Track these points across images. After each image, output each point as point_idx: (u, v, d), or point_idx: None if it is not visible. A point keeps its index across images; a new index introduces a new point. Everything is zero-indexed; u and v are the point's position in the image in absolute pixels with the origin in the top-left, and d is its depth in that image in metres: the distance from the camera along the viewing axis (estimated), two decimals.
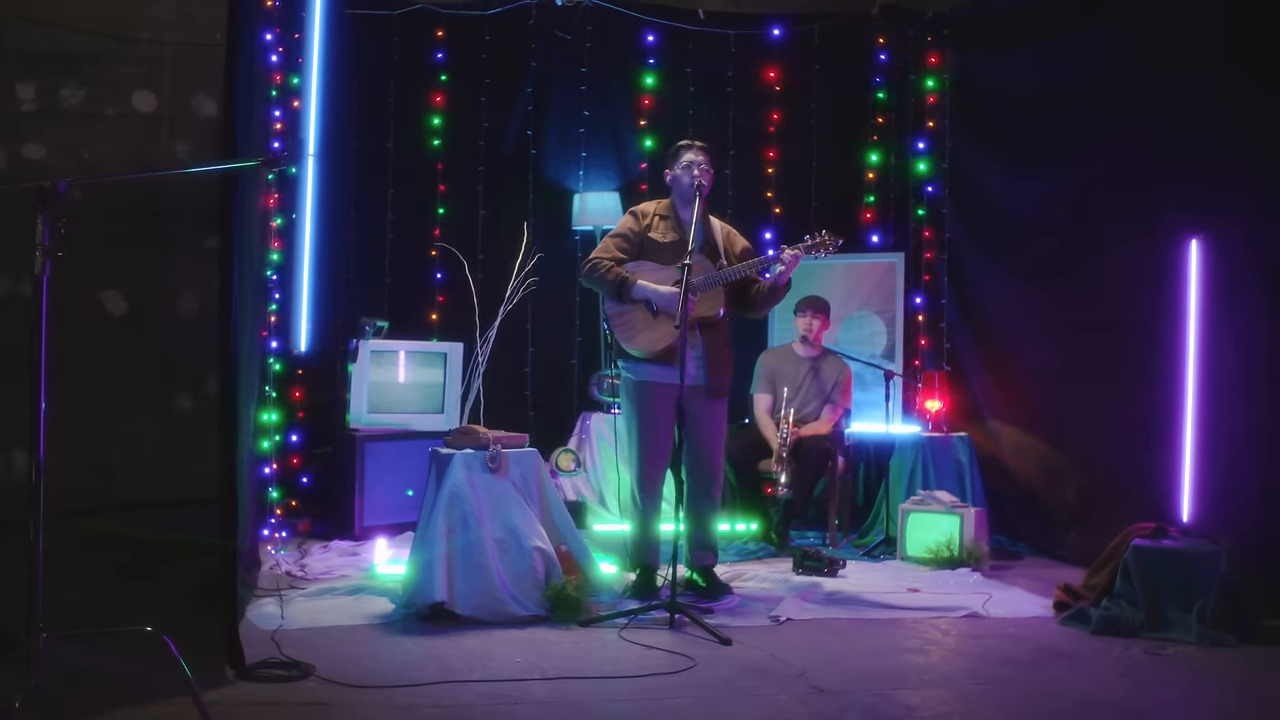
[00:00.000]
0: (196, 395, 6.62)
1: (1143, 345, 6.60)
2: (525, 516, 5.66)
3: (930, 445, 7.89)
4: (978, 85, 8.51)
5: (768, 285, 6.15)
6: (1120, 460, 6.92)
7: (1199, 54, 6.34)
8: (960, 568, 7.00)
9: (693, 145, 6.24)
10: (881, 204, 9.29)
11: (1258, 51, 6.03)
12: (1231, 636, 5.37)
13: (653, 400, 6.08)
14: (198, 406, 6.57)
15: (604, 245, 6.16)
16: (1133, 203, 6.72)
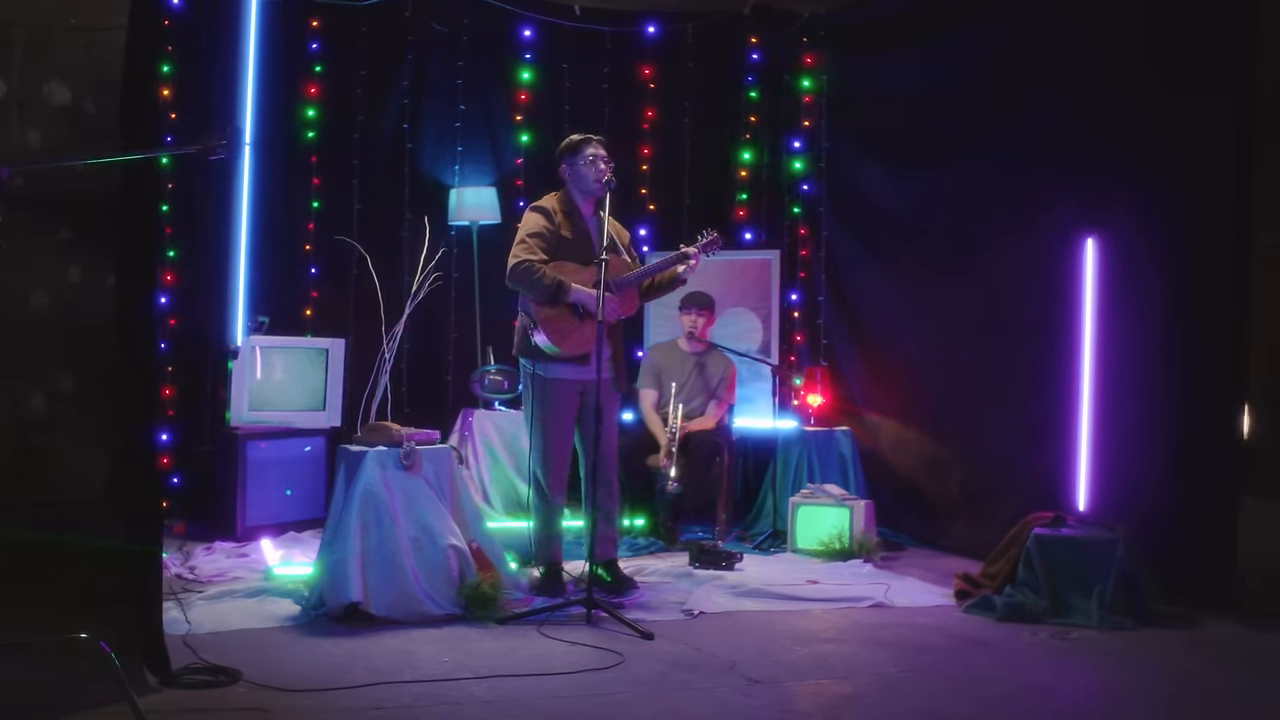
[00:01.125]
0: (50, 394, 6.34)
1: (1031, 342, 6.82)
2: (439, 514, 5.58)
3: (814, 439, 8.03)
4: (856, 86, 8.69)
5: (668, 279, 6.22)
6: (1005, 453, 7.13)
7: (1084, 57, 6.58)
8: (852, 559, 7.13)
9: (592, 139, 6.23)
10: (755, 202, 9.41)
11: (1144, 56, 6.29)
12: (1130, 620, 5.59)
13: (563, 397, 6.07)
14: (50, 406, 6.29)
15: (527, 246, 6.05)
16: (1020, 202, 6.93)
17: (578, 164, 6.18)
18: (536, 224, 6.12)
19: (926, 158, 7.82)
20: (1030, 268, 6.83)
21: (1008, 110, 7.09)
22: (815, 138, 9.03)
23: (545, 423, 6.10)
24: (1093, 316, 6.21)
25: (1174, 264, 6.07)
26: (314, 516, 7.75)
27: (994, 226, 7.19)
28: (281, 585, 6.01)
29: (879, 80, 8.39)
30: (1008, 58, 7.14)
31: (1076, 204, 6.42)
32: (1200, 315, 5.98)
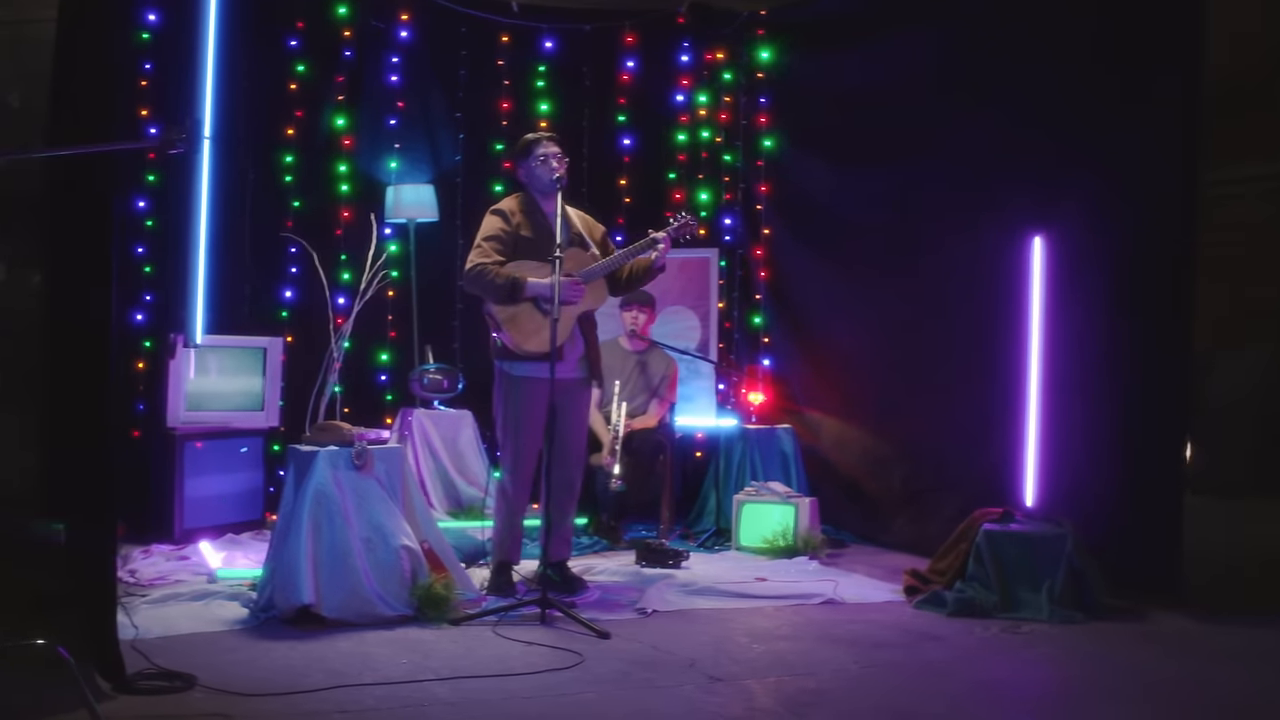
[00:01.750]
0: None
1: (977, 339, 6.88)
2: (391, 514, 5.51)
3: (756, 437, 8.05)
4: (799, 85, 8.71)
5: (644, 266, 6.19)
6: (950, 450, 7.19)
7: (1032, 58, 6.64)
8: (798, 556, 7.15)
9: (543, 137, 6.21)
10: (691, 200, 9.41)
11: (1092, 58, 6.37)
12: (1079, 614, 5.67)
13: (532, 396, 6.00)
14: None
15: (481, 250, 6.00)
16: (967, 201, 6.99)
17: (530, 164, 6.14)
18: (492, 227, 6.08)
19: (870, 156, 7.86)
20: (977, 266, 6.89)
21: (955, 110, 7.14)
22: (755, 136, 9.05)
23: (515, 422, 6.04)
24: (1040, 314, 6.27)
25: (1120, 262, 6.16)
26: (252, 518, 7.65)
27: (940, 225, 7.25)
28: (226, 588, 5.91)
29: (821, 79, 8.43)
30: (955, 58, 7.20)
31: (1026, 203, 6.48)
32: (1146, 313, 6.07)
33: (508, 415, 6.09)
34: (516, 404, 6.05)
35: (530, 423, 6.06)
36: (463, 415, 8.28)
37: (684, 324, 8.91)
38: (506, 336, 5.95)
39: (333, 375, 5.93)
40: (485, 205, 8.87)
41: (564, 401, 6.02)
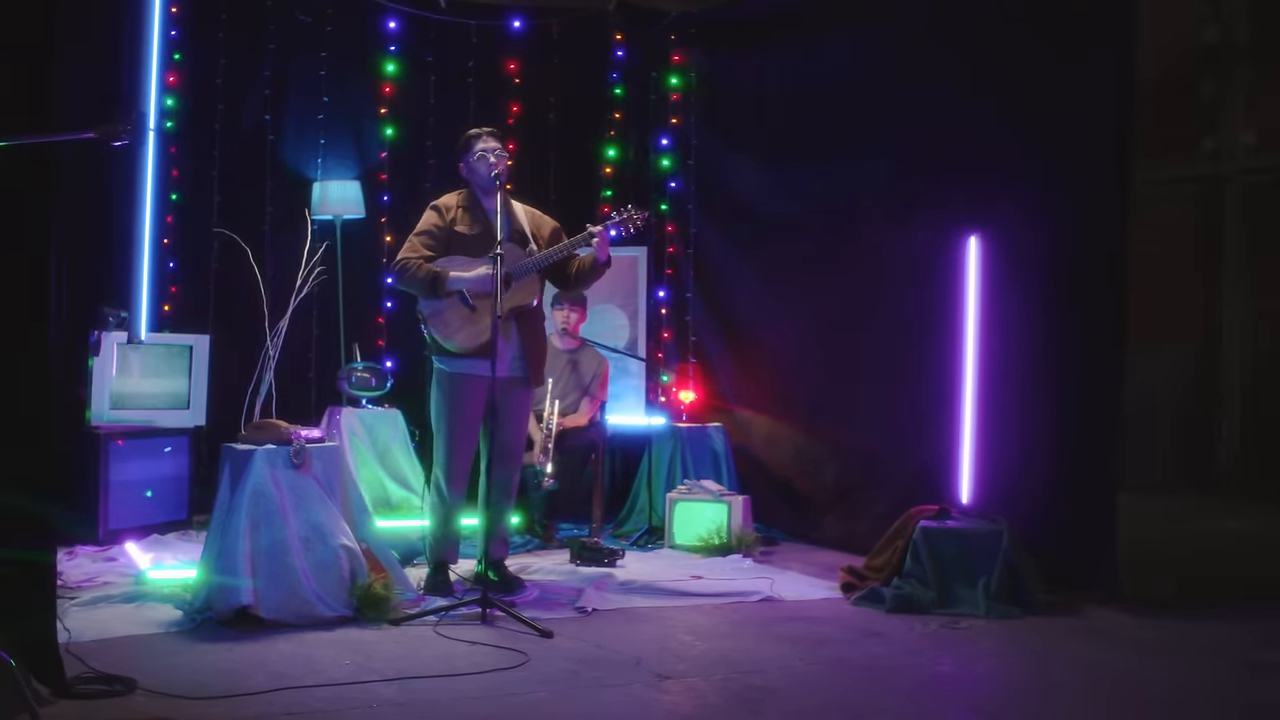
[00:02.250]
0: None
1: (910, 338, 6.94)
2: (329, 513, 5.43)
3: (687, 436, 8.06)
4: (727, 84, 8.74)
5: (588, 262, 6.14)
6: (881, 447, 7.25)
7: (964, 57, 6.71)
8: (731, 554, 7.17)
9: (483, 133, 6.16)
10: (620, 198, 9.36)
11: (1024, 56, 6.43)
12: (1015, 609, 5.74)
13: (466, 393, 5.97)
14: None
15: (410, 245, 5.98)
16: (899, 200, 7.05)
17: (471, 160, 6.10)
18: (426, 222, 6.05)
19: (800, 155, 7.91)
20: (910, 265, 6.95)
21: (885, 109, 7.21)
22: (683, 135, 9.07)
23: (447, 420, 6.00)
24: (976, 313, 6.33)
25: (1055, 260, 6.23)
26: (176, 518, 7.52)
27: (871, 224, 7.31)
28: (158, 590, 5.78)
29: (750, 79, 8.46)
30: (885, 57, 7.26)
31: (960, 201, 6.55)
32: (1080, 310, 6.13)
33: (442, 412, 6.05)
34: (451, 401, 6.01)
35: (464, 420, 6.02)
36: (391, 414, 8.19)
37: (613, 323, 8.90)
38: (432, 332, 5.93)
39: (269, 373, 5.84)
40: (411, 202, 8.92)
41: (500, 399, 5.98)
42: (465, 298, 5.88)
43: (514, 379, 6.06)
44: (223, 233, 7.27)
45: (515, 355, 6.05)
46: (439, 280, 5.84)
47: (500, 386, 5.92)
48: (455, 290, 5.88)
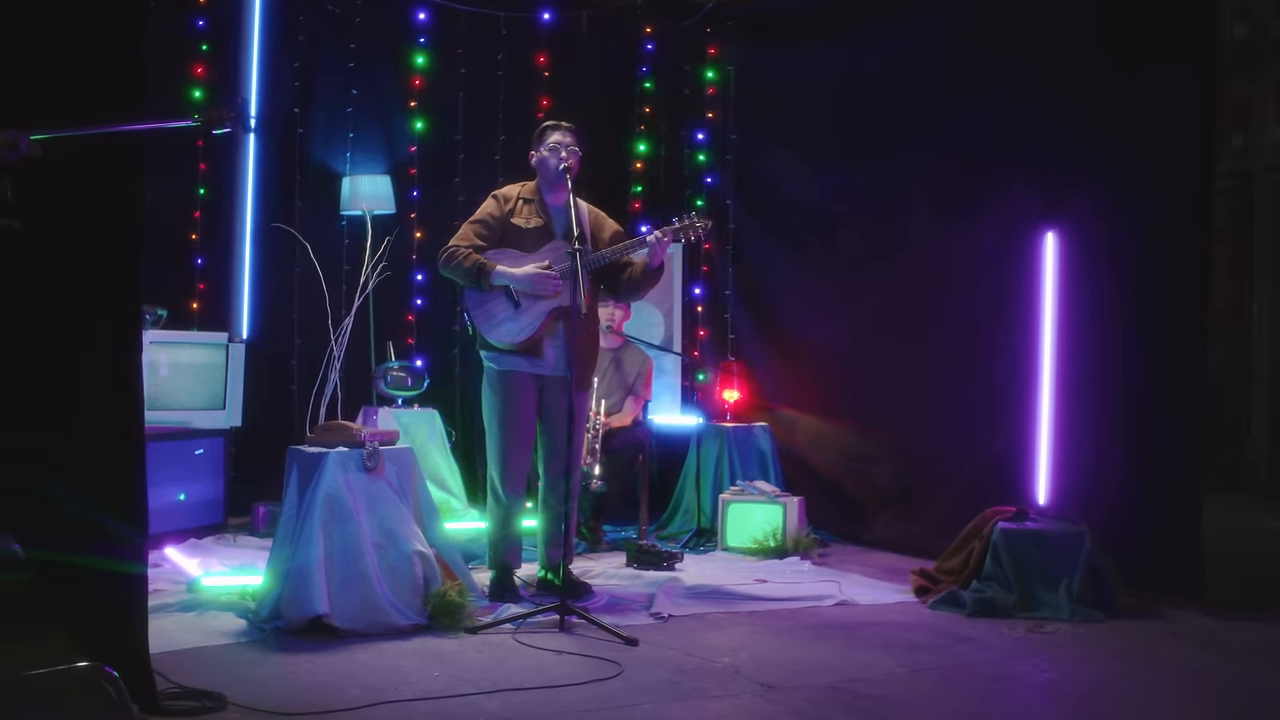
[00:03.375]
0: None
1: (975, 336, 6.80)
2: (402, 518, 5.24)
3: (733, 436, 7.89)
4: (768, 77, 8.56)
5: (638, 269, 5.96)
6: (940, 448, 7.10)
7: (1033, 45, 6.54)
8: (789, 557, 7.02)
9: (559, 125, 5.98)
10: (652, 194, 9.21)
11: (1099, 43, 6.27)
12: (1099, 613, 5.61)
13: (517, 390, 5.80)
14: None
15: (462, 232, 5.81)
16: (964, 194, 6.91)
17: (541, 151, 5.92)
18: (483, 210, 5.91)
19: (851, 149, 7.74)
20: (975, 261, 6.81)
21: (947, 100, 7.05)
22: (720, 130, 8.90)
23: (499, 418, 5.82)
24: (1053, 310, 6.20)
25: (1135, 257, 6.10)
26: (212, 522, 7.30)
27: (931, 218, 7.16)
28: (215, 598, 5.58)
29: (794, 71, 8.27)
30: (947, 44, 7.07)
31: (1034, 198, 6.40)
32: (1161, 308, 6.01)
33: (493, 410, 5.87)
34: (500, 400, 5.84)
35: (515, 418, 5.85)
36: (428, 414, 8.00)
37: (647, 320, 8.73)
38: (470, 321, 5.79)
39: (334, 373, 5.64)
40: (439, 197, 8.77)
41: (549, 399, 5.84)
42: (512, 294, 5.70)
43: (558, 378, 5.87)
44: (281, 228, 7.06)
45: (558, 355, 5.86)
46: (485, 272, 5.67)
47: (549, 384, 5.79)
48: (500, 284, 5.69)
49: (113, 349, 4.02)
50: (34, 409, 3.82)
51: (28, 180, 3.16)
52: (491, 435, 5.87)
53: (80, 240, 3.85)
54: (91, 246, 3.90)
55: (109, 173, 3.90)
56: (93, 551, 3.91)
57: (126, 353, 4.09)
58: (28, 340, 3.77)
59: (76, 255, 3.84)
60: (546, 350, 5.76)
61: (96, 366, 3.95)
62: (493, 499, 5.90)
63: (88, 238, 3.87)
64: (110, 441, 4.02)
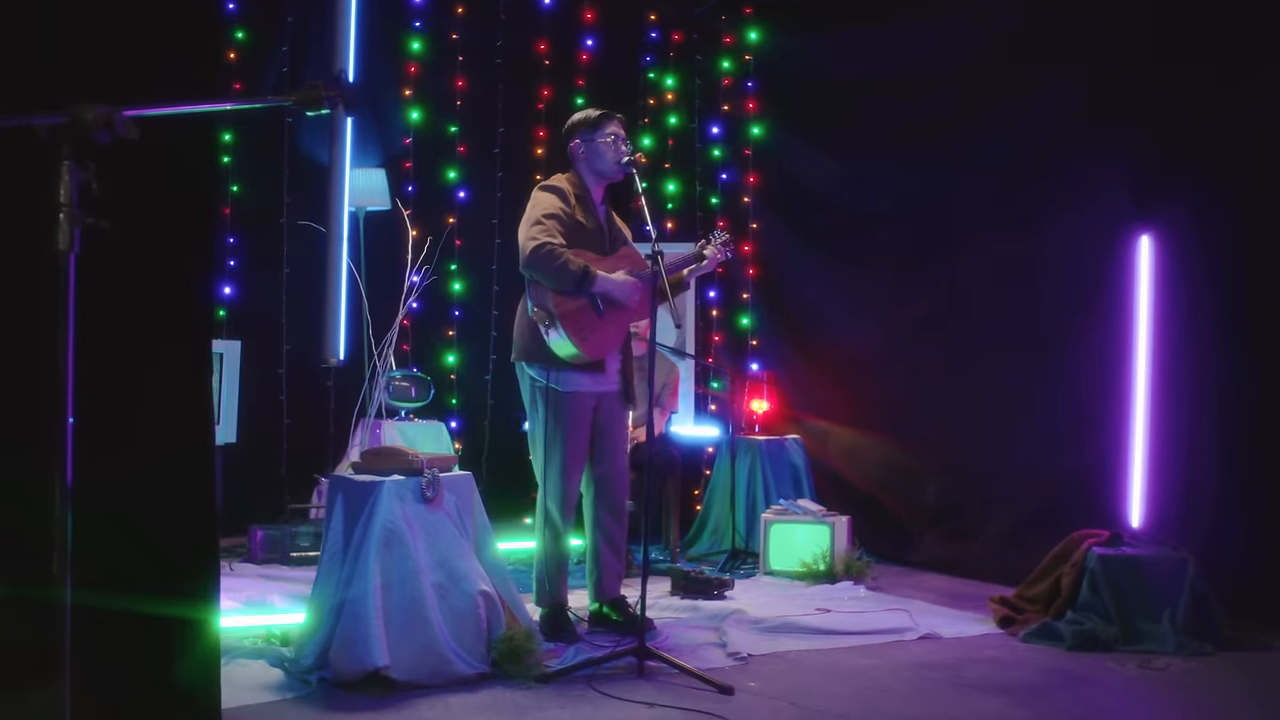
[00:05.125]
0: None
1: (1046, 344, 6.35)
2: (464, 553, 4.66)
3: (765, 449, 7.38)
4: (794, 67, 8.04)
5: (685, 282, 5.52)
6: (999, 463, 6.64)
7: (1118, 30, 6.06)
8: (839, 581, 6.52)
9: (614, 115, 5.43)
10: (658, 191, 8.70)
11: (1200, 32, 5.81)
12: (1208, 645, 5.17)
13: (579, 410, 5.27)
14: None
15: (545, 228, 5.16)
16: (1031, 196, 6.43)
17: (595, 141, 5.36)
18: (552, 204, 5.27)
19: (889, 145, 7.24)
20: (1046, 265, 6.35)
21: (1008, 95, 6.57)
22: (737, 123, 8.37)
23: (561, 442, 5.25)
24: (1148, 318, 5.75)
25: (1238, 262, 5.66)
26: None
27: (988, 219, 6.69)
28: (239, 642, 4.95)
29: (825, 61, 7.76)
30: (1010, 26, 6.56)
31: (1125, 197, 5.93)
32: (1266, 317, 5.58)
33: (552, 432, 5.29)
34: (562, 423, 5.26)
35: (577, 439, 5.30)
36: (434, 426, 7.41)
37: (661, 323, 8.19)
38: (559, 335, 5.15)
39: (379, 392, 5.04)
40: (436, 192, 8.17)
41: (607, 419, 5.33)
42: (597, 302, 5.15)
43: (619, 393, 5.40)
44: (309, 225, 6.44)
45: (619, 368, 5.38)
46: (590, 276, 5.09)
47: (608, 401, 5.32)
48: (601, 292, 5.15)
49: (185, 368, 3.44)
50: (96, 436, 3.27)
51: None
52: (550, 459, 5.28)
53: (149, 240, 3.25)
54: (161, 247, 3.31)
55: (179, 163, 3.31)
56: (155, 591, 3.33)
57: (198, 372, 3.51)
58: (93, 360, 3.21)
59: (143, 258, 3.24)
60: (609, 363, 5.25)
61: (166, 388, 3.37)
62: (548, 529, 5.33)
63: (156, 237, 3.28)
64: (183, 468, 3.45)
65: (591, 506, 5.41)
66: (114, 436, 3.27)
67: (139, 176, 3.16)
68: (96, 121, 2.46)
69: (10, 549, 2.99)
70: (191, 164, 3.46)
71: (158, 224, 3.26)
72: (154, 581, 3.34)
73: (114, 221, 2.96)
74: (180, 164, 3.35)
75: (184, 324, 3.43)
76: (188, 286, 3.47)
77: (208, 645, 3.56)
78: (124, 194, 3.09)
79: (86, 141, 2.48)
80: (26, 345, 2.75)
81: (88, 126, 2.46)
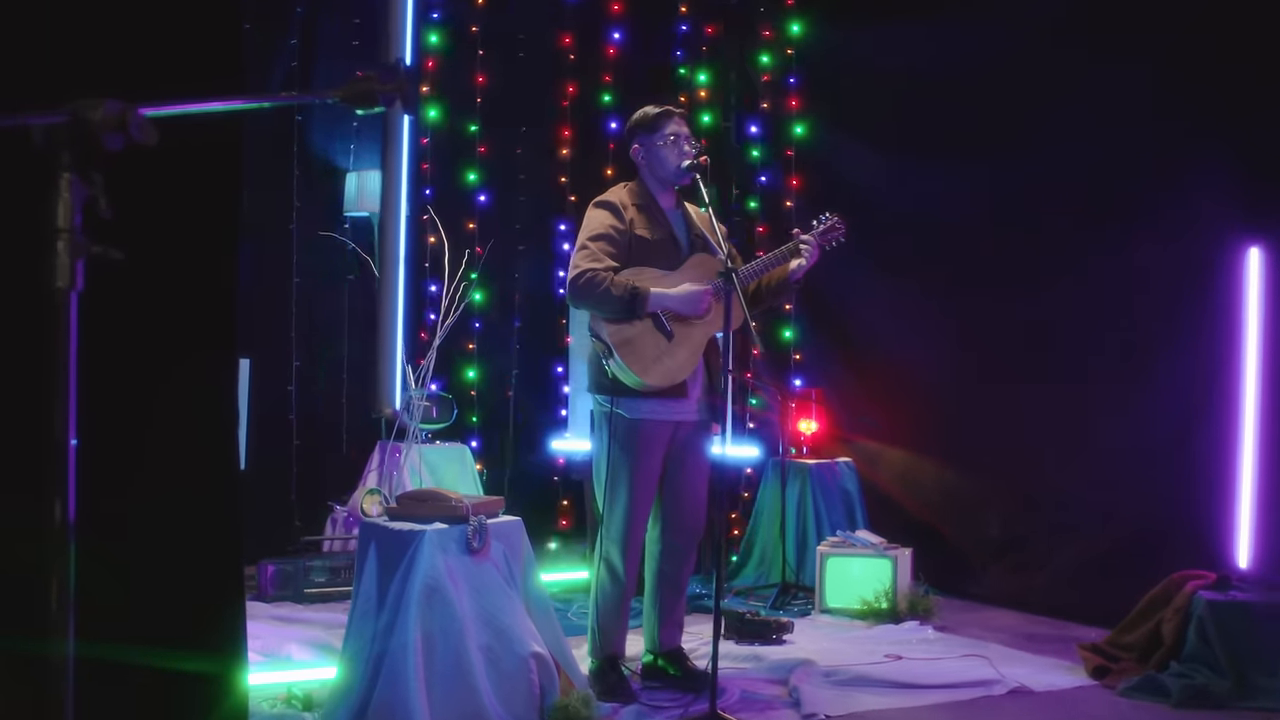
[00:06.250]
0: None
1: (1132, 363, 5.82)
2: (513, 610, 4.12)
3: (816, 473, 6.84)
4: (843, 61, 7.46)
5: (777, 278, 4.92)
6: (1072, 490, 6.11)
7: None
8: (904, 621, 5.99)
9: (673, 112, 4.89)
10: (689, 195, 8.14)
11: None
12: None
13: (652, 443, 4.70)
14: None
15: (590, 253, 4.63)
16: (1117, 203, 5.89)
17: (653, 143, 4.82)
18: (601, 223, 4.72)
19: (950, 147, 6.66)
20: (1133, 277, 5.81)
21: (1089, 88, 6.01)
22: (778, 122, 7.81)
23: (629, 479, 4.68)
24: (1258, 336, 5.21)
25: None
26: None
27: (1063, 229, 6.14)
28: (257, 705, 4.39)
29: (875, 54, 7.17)
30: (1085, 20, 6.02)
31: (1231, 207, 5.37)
32: None
33: (621, 467, 4.72)
34: (633, 453, 4.70)
35: (647, 476, 4.75)
36: (458, 449, 6.88)
37: None
38: (619, 364, 4.60)
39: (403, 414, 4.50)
40: (454, 196, 7.62)
41: (682, 450, 4.77)
42: (663, 322, 4.60)
43: (701, 422, 4.83)
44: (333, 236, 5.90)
45: (702, 393, 4.82)
46: (639, 297, 4.55)
47: (686, 431, 4.75)
48: (654, 312, 4.60)
49: (209, 395, 2.97)
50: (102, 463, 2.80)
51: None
52: (611, 496, 4.71)
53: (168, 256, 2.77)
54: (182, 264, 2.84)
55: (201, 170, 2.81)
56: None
57: (224, 399, 3.04)
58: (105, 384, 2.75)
59: (161, 276, 2.76)
60: (690, 389, 4.69)
61: (180, 408, 2.90)
62: (608, 577, 4.76)
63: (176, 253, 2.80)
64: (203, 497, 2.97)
65: (655, 545, 4.85)
66: (123, 462, 2.84)
67: (157, 184, 2.69)
68: (106, 122, 1.93)
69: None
70: (215, 169, 2.99)
71: (176, 231, 2.80)
72: (170, 630, 2.91)
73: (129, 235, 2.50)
74: (202, 170, 2.87)
75: (207, 338, 3.00)
76: (208, 296, 3.07)
77: (234, 706, 3.08)
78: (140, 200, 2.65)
79: (94, 147, 1.95)
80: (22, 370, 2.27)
81: (95, 128, 1.93)
